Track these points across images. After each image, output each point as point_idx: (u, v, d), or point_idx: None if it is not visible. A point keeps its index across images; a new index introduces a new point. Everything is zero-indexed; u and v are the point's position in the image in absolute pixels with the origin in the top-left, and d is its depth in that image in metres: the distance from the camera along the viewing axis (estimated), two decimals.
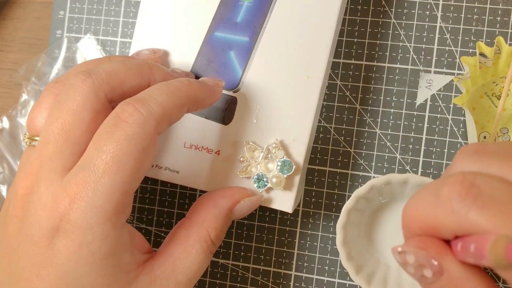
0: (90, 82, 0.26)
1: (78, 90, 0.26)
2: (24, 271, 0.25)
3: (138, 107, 0.25)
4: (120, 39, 0.37)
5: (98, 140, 0.24)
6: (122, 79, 0.27)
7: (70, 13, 0.38)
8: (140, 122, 0.24)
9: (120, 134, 0.24)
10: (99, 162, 0.24)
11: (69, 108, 0.25)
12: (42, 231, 0.24)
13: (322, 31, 0.30)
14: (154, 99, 0.25)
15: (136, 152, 0.24)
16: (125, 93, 0.27)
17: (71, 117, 0.25)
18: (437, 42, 0.34)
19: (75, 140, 0.25)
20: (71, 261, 0.24)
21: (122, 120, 0.24)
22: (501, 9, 0.33)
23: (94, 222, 0.24)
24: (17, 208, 0.26)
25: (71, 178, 0.24)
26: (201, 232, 0.28)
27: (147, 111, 0.25)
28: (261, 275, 0.35)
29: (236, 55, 0.31)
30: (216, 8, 0.31)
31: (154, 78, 0.28)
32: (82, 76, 0.26)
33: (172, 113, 0.26)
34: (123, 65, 0.27)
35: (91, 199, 0.23)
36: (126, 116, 0.24)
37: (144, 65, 0.28)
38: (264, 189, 0.30)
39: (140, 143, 0.24)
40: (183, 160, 0.31)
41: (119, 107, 0.25)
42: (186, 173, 0.31)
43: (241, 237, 0.35)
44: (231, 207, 0.29)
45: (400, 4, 0.34)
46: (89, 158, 0.24)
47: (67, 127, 0.25)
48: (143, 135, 0.24)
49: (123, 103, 0.25)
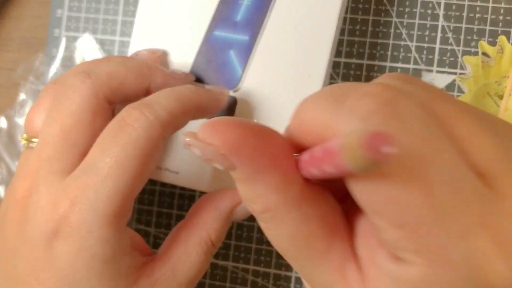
0: (90, 83, 0.26)
1: (77, 91, 0.25)
2: (23, 275, 0.24)
3: (145, 111, 0.24)
4: (119, 38, 0.37)
5: (102, 143, 0.24)
6: (121, 80, 0.26)
7: (68, 12, 0.38)
8: (146, 127, 0.24)
9: (125, 138, 0.24)
10: (102, 165, 0.23)
11: (68, 109, 0.25)
12: (41, 234, 0.24)
13: (323, 30, 0.30)
14: (161, 105, 0.25)
15: (141, 157, 0.24)
16: (125, 94, 0.27)
17: (70, 118, 0.25)
18: (439, 41, 0.33)
19: (74, 142, 0.25)
20: (70, 265, 0.24)
21: (127, 124, 0.24)
22: (503, 8, 0.33)
23: (94, 226, 0.23)
24: (15, 211, 0.25)
25: (73, 180, 0.24)
26: (202, 234, 0.27)
27: (153, 115, 0.24)
28: (261, 277, 0.34)
29: (236, 54, 0.31)
30: (215, 7, 0.31)
31: (154, 79, 0.28)
32: (81, 76, 0.26)
33: (178, 119, 0.25)
34: (123, 66, 0.27)
35: (92, 202, 0.23)
36: (132, 120, 0.24)
37: (144, 66, 0.28)
38: None
39: (145, 148, 0.24)
40: (183, 160, 0.31)
41: (124, 111, 0.25)
42: (186, 174, 0.31)
43: (241, 238, 0.35)
44: (232, 208, 0.29)
45: (401, 2, 0.34)
46: (92, 161, 0.24)
47: (66, 128, 0.25)
48: (148, 140, 0.24)
49: (129, 107, 0.25)
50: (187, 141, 0.18)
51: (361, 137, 0.13)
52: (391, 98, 0.15)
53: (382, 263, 0.16)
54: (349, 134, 0.13)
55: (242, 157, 0.17)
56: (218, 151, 0.17)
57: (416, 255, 0.15)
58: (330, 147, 0.14)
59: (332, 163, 0.14)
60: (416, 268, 0.15)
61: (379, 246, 0.17)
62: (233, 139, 0.17)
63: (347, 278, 0.17)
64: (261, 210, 0.18)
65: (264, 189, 0.17)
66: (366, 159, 0.13)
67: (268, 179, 0.17)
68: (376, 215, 0.16)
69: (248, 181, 0.17)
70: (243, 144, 0.17)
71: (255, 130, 0.18)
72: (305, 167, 0.17)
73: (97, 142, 0.24)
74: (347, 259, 0.17)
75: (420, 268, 0.15)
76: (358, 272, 0.17)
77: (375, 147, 0.12)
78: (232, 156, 0.17)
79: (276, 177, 0.17)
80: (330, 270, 0.17)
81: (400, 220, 0.15)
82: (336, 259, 0.17)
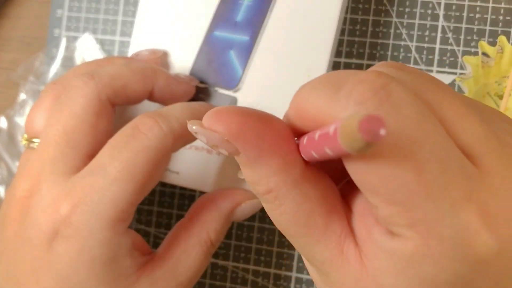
0: (93, 84, 0.26)
1: (81, 92, 0.25)
2: (23, 275, 0.24)
3: (159, 122, 0.25)
4: (119, 38, 0.37)
5: (113, 147, 0.24)
6: (125, 82, 0.27)
7: (68, 12, 0.38)
8: (159, 137, 0.24)
9: (138, 145, 0.24)
10: (111, 169, 0.24)
11: (71, 110, 0.25)
12: (42, 234, 0.24)
13: (323, 30, 0.30)
14: (175, 117, 0.25)
15: (150, 166, 0.24)
16: (128, 96, 0.27)
17: (72, 119, 0.25)
18: (439, 41, 0.33)
19: (76, 143, 0.25)
20: (71, 266, 0.24)
21: (141, 132, 0.24)
22: (503, 8, 0.33)
23: (96, 228, 0.23)
24: (16, 211, 0.25)
25: (77, 181, 0.24)
26: (202, 234, 0.27)
27: (167, 127, 0.25)
28: (262, 277, 0.34)
29: (236, 54, 0.30)
30: (216, 7, 0.31)
31: (157, 82, 0.28)
32: (85, 78, 0.26)
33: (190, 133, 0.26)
34: (127, 68, 0.27)
35: (95, 205, 0.23)
36: (146, 128, 0.24)
37: (148, 69, 0.28)
38: None
39: (155, 158, 0.24)
40: (183, 161, 0.31)
41: (138, 119, 0.25)
42: (186, 174, 0.31)
43: (241, 238, 0.35)
44: (232, 209, 0.29)
45: (401, 3, 0.34)
46: (100, 163, 0.24)
47: (69, 129, 0.25)
48: (160, 150, 0.24)
49: (143, 115, 0.25)
50: (194, 129, 0.18)
51: (357, 120, 0.13)
52: (384, 85, 0.16)
53: (378, 238, 0.17)
54: (346, 118, 0.14)
55: (244, 142, 0.18)
56: (223, 137, 0.18)
57: (409, 229, 0.16)
58: (328, 131, 0.15)
59: (330, 145, 0.15)
60: (409, 242, 0.16)
61: (375, 223, 0.18)
62: (236, 126, 0.18)
63: (346, 253, 0.18)
64: (264, 191, 0.18)
65: (267, 171, 0.18)
66: (361, 140, 0.13)
67: (270, 162, 0.18)
68: (372, 193, 0.17)
69: (251, 165, 0.18)
70: (245, 130, 0.18)
71: (257, 116, 0.18)
72: (305, 150, 0.18)
73: (108, 146, 0.25)
74: (345, 236, 0.18)
75: (413, 242, 0.16)
76: (356, 248, 0.18)
77: (369, 129, 0.13)
78: (236, 141, 0.18)
79: (278, 159, 0.18)
80: (329, 247, 0.18)
81: (394, 197, 0.16)
82: (335, 236, 0.18)
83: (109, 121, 0.26)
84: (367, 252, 0.18)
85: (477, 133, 0.17)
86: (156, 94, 0.28)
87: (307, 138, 0.18)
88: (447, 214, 0.16)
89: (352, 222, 0.19)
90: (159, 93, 0.28)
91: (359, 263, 0.18)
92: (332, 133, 0.15)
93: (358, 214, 0.19)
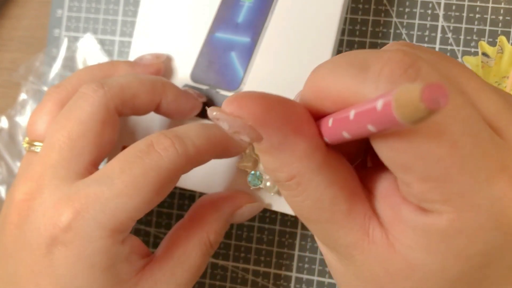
0: (102, 93, 0.26)
1: (89, 100, 0.25)
2: (22, 279, 0.24)
3: (175, 143, 0.24)
4: (119, 38, 0.37)
5: (124, 161, 0.24)
6: (134, 93, 0.27)
7: (68, 12, 0.38)
8: (173, 159, 0.24)
9: (150, 163, 0.24)
10: (118, 182, 0.23)
11: (77, 117, 0.25)
12: (41, 238, 0.24)
13: (324, 31, 0.30)
14: (192, 141, 0.25)
15: (158, 185, 0.24)
16: (136, 107, 0.27)
17: (78, 126, 0.25)
18: (439, 41, 0.33)
19: (80, 150, 0.25)
20: (70, 272, 0.24)
21: (155, 151, 0.24)
22: (503, 8, 0.33)
23: (95, 236, 0.23)
24: (15, 214, 0.25)
25: (82, 188, 0.24)
26: (201, 235, 0.27)
27: (182, 149, 0.24)
28: (262, 277, 0.34)
29: (237, 56, 0.31)
30: (217, 9, 0.31)
31: (166, 95, 0.28)
32: (94, 86, 0.26)
33: (203, 157, 0.26)
34: (137, 79, 0.27)
35: (97, 213, 0.23)
36: (161, 148, 0.24)
37: (157, 81, 0.28)
38: (255, 188, 0.29)
39: (166, 178, 0.24)
40: None
41: (155, 137, 0.25)
42: (187, 175, 0.31)
43: (241, 238, 0.35)
44: (233, 212, 0.29)
45: (401, 3, 0.34)
46: (109, 174, 0.24)
47: (74, 136, 0.25)
48: (171, 171, 0.24)
49: (160, 134, 0.25)
50: (214, 115, 0.18)
51: (418, 90, 0.13)
52: (413, 62, 0.16)
53: (408, 217, 0.17)
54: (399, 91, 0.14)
55: (268, 127, 0.17)
56: (246, 123, 0.17)
57: (443, 204, 0.16)
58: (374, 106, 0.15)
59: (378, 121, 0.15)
60: (444, 216, 0.16)
61: (402, 202, 0.18)
62: (259, 110, 0.17)
63: (371, 235, 0.18)
64: (286, 178, 0.18)
65: (290, 157, 0.18)
66: (424, 110, 0.13)
67: (294, 147, 0.18)
68: (404, 171, 0.17)
69: (273, 151, 0.18)
70: (268, 115, 0.17)
71: (278, 100, 0.18)
72: (331, 132, 0.18)
73: (118, 158, 0.24)
74: (370, 218, 0.18)
75: (448, 216, 0.16)
76: (381, 228, 0.18)
77: (432, 98, 0.13)
78: (259, 126, 0.17)
79: (302, 144, 0.18)
80: (354, 230, 0.18)
81: (428, 172, 0.16)
82: (359, 219, 0.18)
83: (114, 131, 0.26)
84: (394, 231, 0.18)
85: (497, 105, 0.18)
86: (163, 107, 0.28)
87: (333, 119, 0.18)
88: (482, 185, 0.16)
89: (374, 204, 0.19)
90: (166, 107, 0.28)
91: (386, 243, 0.18)
92: (381, 107, 0.15)
93: (380, 196, 0.19)
